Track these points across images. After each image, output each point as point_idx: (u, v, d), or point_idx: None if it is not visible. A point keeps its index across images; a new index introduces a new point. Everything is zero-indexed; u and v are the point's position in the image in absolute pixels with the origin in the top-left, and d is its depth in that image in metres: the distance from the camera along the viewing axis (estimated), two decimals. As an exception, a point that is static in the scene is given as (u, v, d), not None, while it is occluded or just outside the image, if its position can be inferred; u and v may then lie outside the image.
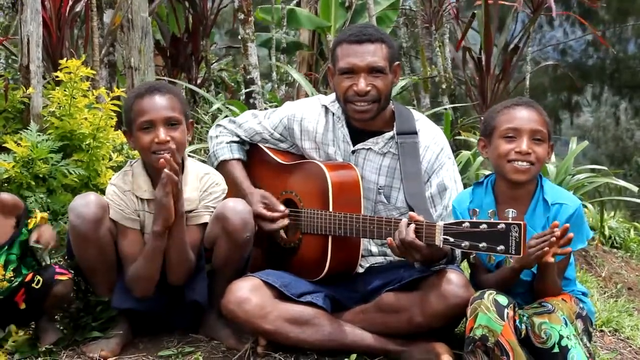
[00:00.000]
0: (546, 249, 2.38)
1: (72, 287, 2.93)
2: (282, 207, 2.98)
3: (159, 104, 2.81)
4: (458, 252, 2.73)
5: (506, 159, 2.64)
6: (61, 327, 2.95)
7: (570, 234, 2.41)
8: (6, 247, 2.89)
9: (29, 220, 2.94)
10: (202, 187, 2.92)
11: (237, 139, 3.21)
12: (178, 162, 2.70)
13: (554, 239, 2.38)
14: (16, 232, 2.92)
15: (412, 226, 2.54)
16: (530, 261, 2.46)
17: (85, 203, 2.78)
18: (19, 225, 2.93)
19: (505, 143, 2.66)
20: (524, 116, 2.67)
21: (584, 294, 2.78)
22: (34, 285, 2.81)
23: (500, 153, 2.67)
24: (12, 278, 2.85)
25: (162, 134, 2.78)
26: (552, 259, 2.42)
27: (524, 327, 2.48)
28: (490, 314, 2.39)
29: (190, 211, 2.86)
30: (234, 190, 3.05)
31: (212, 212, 2.88)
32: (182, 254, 2.80)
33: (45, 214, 3.02)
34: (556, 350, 2.41)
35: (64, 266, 2.92)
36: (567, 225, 2.44)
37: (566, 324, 2.46)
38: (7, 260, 2.88)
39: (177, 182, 2.67)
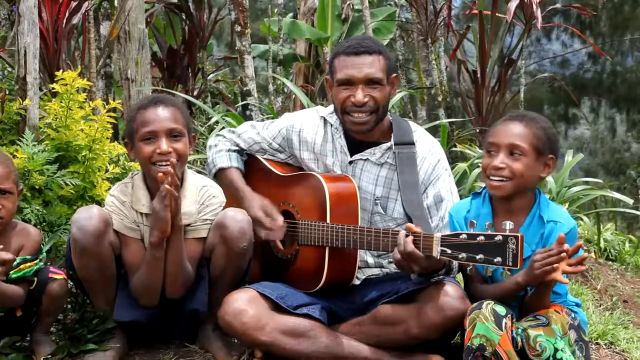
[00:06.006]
0: (555, 265, 2.39)
1: (67, 288, 2.90)
2: (281, 219, 2.98)
3: (162, 115, 2.82)
4: (455, 263, 2.73)
5: (485, 174, 2.66)
6: (57, 340, 2.93)
7: (585, 254, 2.43)
8: None
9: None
10: (200, 200, 2.91)
11: (236, 147, 3.21)
12: (178, 176, 2.70)
13: (564, 254, 2.39)
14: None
15: (411, 237, 2.55)
16: (536, 276, 2.45)
17: (88, 216, 2.76)
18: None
19: (487, 157, 2.67)
20: (505, 131, 2.64)
21: (577, 304, 2.77)
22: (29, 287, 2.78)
23: (482, 167, 2.69)
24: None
25: (164, 144, 2.77)
26: (563, 278, 2.43)
27: (519, 339, 2.48)
28: (489, 323, 2.39)
29: (189, 225, 2.86)
30: (233, 195, 3.05)
31: (210, 224, 2.88)
32: (180, 266, 2.80)
33: None
34: None
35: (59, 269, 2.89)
36: (580, 243, 2.45)
37: (561, 336, 2.46)
38: None
39: (176, 197, 2.67)
